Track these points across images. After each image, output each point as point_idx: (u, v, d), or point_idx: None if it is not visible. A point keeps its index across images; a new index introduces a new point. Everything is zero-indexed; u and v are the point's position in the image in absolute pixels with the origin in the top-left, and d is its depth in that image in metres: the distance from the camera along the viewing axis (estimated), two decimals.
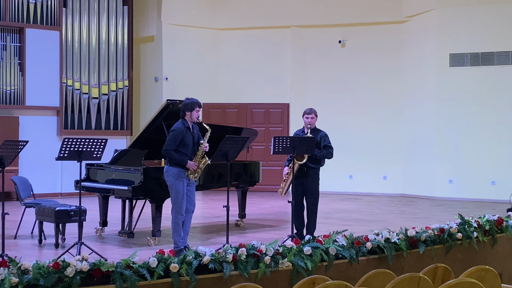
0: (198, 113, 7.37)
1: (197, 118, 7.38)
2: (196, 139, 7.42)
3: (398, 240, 5.32)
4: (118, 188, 8.32)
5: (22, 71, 13.31)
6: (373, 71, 14.97)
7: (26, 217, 8.96)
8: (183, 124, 7.35)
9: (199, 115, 7.40)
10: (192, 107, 7.32)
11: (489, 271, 3.98)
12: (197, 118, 7.37)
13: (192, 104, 7.34)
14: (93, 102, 14.09)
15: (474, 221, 6.02)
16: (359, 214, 11.56)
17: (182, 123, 7.36)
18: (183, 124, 7.34)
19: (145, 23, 15.56)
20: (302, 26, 15.40)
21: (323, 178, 8.15)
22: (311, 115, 7.99)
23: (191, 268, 4.26)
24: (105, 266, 4.03)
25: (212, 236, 8.94)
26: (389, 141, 14.80)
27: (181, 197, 7.31)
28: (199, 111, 7.39)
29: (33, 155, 13.03)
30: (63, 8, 13.78)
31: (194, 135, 7.41)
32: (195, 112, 7.34)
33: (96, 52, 14.19)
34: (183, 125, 7.33)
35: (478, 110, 13.67)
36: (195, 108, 7.33)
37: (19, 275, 3.84)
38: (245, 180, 9.78)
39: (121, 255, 7.05)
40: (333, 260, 4.90)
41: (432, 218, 10.53)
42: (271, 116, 15.48)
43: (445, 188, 13.95)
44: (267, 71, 15.55)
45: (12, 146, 6.69)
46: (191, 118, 7.36)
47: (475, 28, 13.67)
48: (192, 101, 7.37)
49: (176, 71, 15.22)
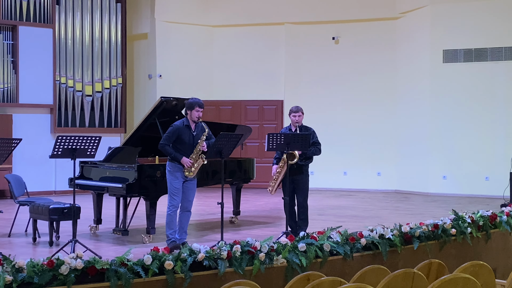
0: (198, 113, 7.44)
1: (197, 117, 7.43)
2: (198, 138, 7.47)
3: (392, 236, 5.33)
4: (112, 186, 8.31)
5: (15, 69, 13.27)
6: (366, 68, 14.98)
7: (20, 215, 8.94)
8: (183, 122, 7.49)
9: (199, 115, 7.46)
10: (192, 107, 7.46)
11: (483, 267, 3.99)
12: (197, 117, 7.44)
13: (192, 103, 7.48)
14: (87, 99, 14.06)
15: (468, 217, 6.04)
16: (354, 210, 11.58)
17: (182, 121, 7.52)
18: (183, 122, 7.48)
19: (139, 20, 15.53)
20: (295, 23, 15.40)
21: (318, 175, 8.17)
22: (298, 113, 8.00)
23: (186, 265, 4.26)
24: (99, 263, 4.02)
25: (207, 233, 8.94)
26: (383, 138, 14.82)
27: (175, 191, 7.48)
28: (200, 111, 7.46)
29: (27, 153, 13.01)
30: (56, 5, 13.74)
31: (194, 134, 7.46)
32: (195, 111, 7.43)
33: (90, 49, 14.15)
34: (182, 123, 7.48)
35: (471, 106, 13.70)
36: (194, 107, 7.44)
37: (13, 273, 3.83)
38: (239, 177, 9.78)
39: (115, 253, 7.07)
40: (327, 256, 4.91)
41: (426, 214, 10.55)
42: (265, 113, 15.48)
43: (439, 184, 13.98)
44: (261, 68, 15.54)
45: (6, 144, 6.68)
46: (191, 117, 7.47)
47: (468, 24, 13.69)
48: (193, 101, 7.50)
49: (169, 68, 15.20)
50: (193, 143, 7.46)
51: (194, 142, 7.47)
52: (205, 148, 7.45)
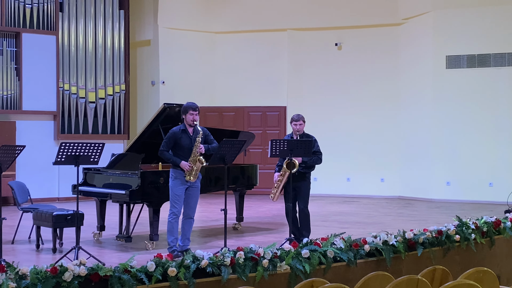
0: (192, 116, 7.44)
1: (192, 120, 7.43)
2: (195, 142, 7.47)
3: (396, 243, 5.31)
4: (115, 192, 8.31)
5: (19, 75, 13.30)
6: (369, 74, 14.99)
7: (23, 222, 8.94)
8: (180, 127, 7.52)
9: (194, 118, 7.45)
10: (186, 111, 7.48)
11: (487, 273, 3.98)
12: (192, 120, 7.43)
13: (186, 107, 7.51)
14: (90, 106, 14.08)
15: (471, 223, 6.03)
16: (357, 216, 11.56)
17: (179, 126, 7.55)
18: (180, 128, 7.51)
19: (142, 27, 15.56)
20: (298, 29, 15.42)
21: (321, 181, 8.16)
22: (299, 121, 7.99)
23: (189, 272, 4.25)
24: (103, 270, 4.02)
25: (210, 240, 8.93)
26: (386, 144, 14.81)
27: (176, 198, 7.48)
28: (194, 114, 7.45)
29: (30, 159, 13.01)
30: (60, 12, 13.78)
31: (192, 138, 7.45)
32: (189, 115, 7.45)
33: (93, 56, 14.18)
34: (179, 128, 7.50)
35: (475, 112, 13.69)
36: (188, 111, 7.45)
37: (16, 280, 3.83)
38: (242, 183, 9.78)
39: (119, 259, 7.07)
40: (331, 263, 4.89)
41: (430, 220, 10.53)
42: (268, 119, 15.48)
43: (443, 190, 13.96)
44: (263, 74, 15.55)
45: (9, 151, 6.68)
46: (187, 121, 7.47)
47: (471, 30, 13.69)
48: (187, 105, 7.54)
49: (172, 75, 15.22)
50: (192, 147, 7.46)
51: (192, 146, 7.46)
52: (202, 150, 7.44)
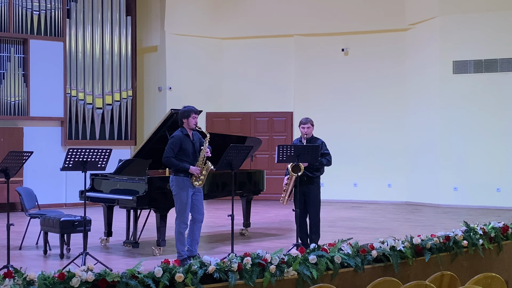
0: (195, 120, 7.42)
1: (195, 124, 7.42)
2: (197, 146, 7.47)
3: (404, 248, 5.30)
4: (122, 198, 8.32)
5: (26, 82, 13.36)
6: (376, 79, 14.98)
7: (31, 227, 8.96)
8: (182, 131, 7.44)
9: (196, 122, 7.44)
10: (188, 114, 7.41)
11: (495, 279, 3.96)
12: (194, 124, 7.42)
13: (188, 111, 7.43)
14: (97, 112, 14.12)
15: (479, 229, 6.00)
16: (364, 222, 11.53)
17: (180, 130, 7.46)
18: (182, 132, 7.44)
19: (149, 33, 15.60)
20: (305, 35, 15.43)
21: (328, 186, 8.14)
22: (307, 125, 7.98)
23: (196, 278, 4.24)
24: (110, 276, 4.02)
25: (217, 245, 8.93)
26: (393, 149, 14.78)
27: (185, 207, 7.37)
28: (196, 118, 7.44)
29: (38, 165, 13.05)
30: (67, 19, 13.84)
31: (194, 142, 7.45)
32: (192, 118, 7.41)
33: (100, 62, 14.23)
34: (181, 133, 7.43)
35: (482, 117, 13.66)
36: (191, 114, 7.40)
37: (24, 286, 3.84)
38: (249, 189, 9.78)
39: (126, 265, 7.07)
40: (338, 268, 4.88)
41: (437, 226, 10.50)
42: (275, 124, 15.49)
43: (450, 196, 13.92)
44: (270, 80, 15.57)
45: (17, 157, 6.70)
46: (189, 125, 7.43)
47: (478, 35, 13.68)
48: (188, 108, 7.47)
49: (179, 81, 15.25)
50: (194, 151, 7.44)
51: (195, 150, 7.45)
52: (209, 154, 7.42)
